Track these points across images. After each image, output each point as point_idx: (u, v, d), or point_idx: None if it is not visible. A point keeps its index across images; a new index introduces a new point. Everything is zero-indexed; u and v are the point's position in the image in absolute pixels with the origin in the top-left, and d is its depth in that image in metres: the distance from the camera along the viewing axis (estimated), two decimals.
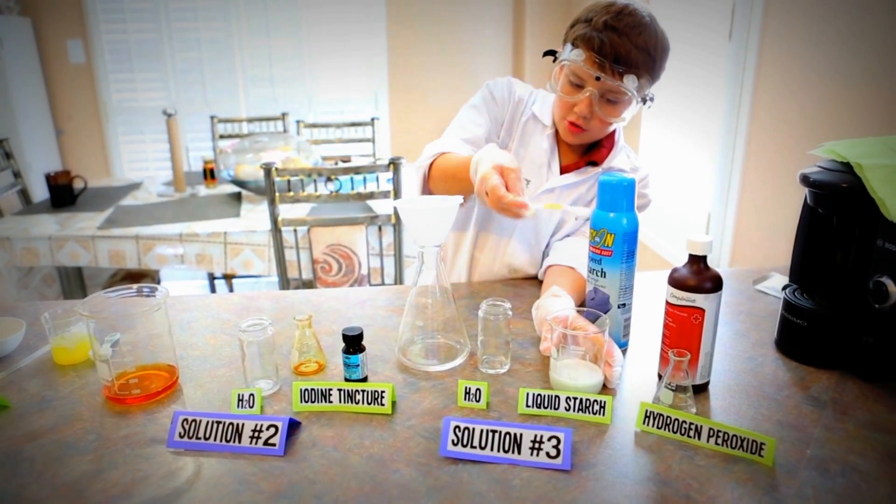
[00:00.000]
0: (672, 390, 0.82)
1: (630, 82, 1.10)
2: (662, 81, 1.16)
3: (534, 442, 0.75)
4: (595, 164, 1.28)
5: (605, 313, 0.97)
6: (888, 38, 1.48)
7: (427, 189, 1.25)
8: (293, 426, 0.81)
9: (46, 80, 4.02)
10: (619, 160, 1.29)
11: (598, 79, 1.10)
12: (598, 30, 1.09)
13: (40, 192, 3.38)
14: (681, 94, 2.58)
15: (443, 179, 1.20)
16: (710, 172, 2.36)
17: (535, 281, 1.33)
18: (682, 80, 2.55)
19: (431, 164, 1.22)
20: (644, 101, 1.16)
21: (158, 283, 3.31)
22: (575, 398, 0.83)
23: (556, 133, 1.27)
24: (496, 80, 1.32)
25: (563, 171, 1.29)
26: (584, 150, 1.29)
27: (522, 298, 1.23)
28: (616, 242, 0.95)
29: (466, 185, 1.07)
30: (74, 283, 2.76)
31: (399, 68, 4.32)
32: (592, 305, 1.00)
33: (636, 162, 1.33)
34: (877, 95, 1.51)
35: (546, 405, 0.84)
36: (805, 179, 0.94)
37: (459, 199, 0.97)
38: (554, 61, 1.18)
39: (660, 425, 0.79)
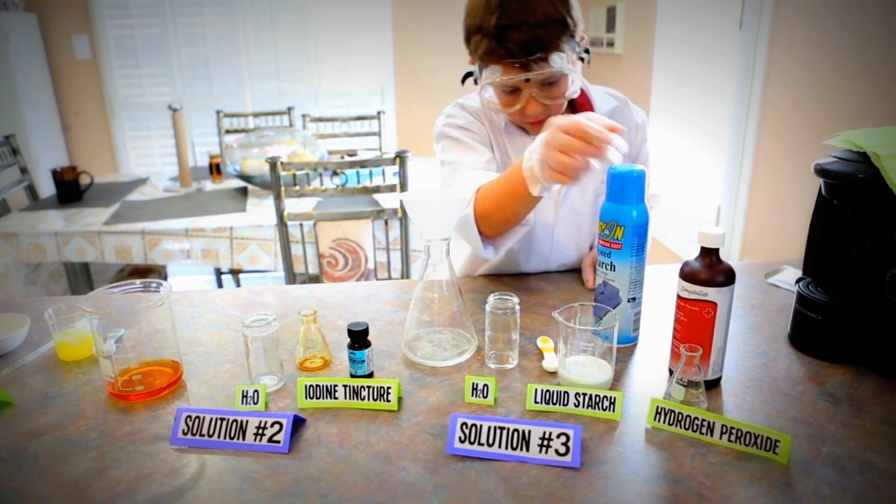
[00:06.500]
0: (683, 386, 0.80)
1: (558, 59, 1.04)
2: (672, 73, 1.14)
3: (542, 439, 0.73)
4: None
5: (615, 307, 0.96)
6: None
7: (481, 233, 1.12)
8: (298, 423, 0.80)
9: (53, 76, 4.03)
10: (602, 100, 1.24)
11: (527, 80, 1.05)
12: (495, 36, 1.02)
13: (47, 188, 3.39)
14: (690, 84, 2.55)
15: (496, 209, 1.07)
16: (719, 164, 2.33)
17: (543, 276, 1.31)
18: (692, 70, 2.51)
19: (474, 205, 1.09)
20: (582, 59, 1.09)
21: (165, 278, 3.32)
22: (584, 394, 0.82)
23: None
24: (444, 117, 1.25)
25: None
26: None
27: (530, 292, 1.21)
28: (626, 235, 0.93)
29: (525, 197, 0.98)
30: (81, 278, 2.77)
31: (405, 60, 4.30)
32: (602, 300, 0.98)
33: (611, 90, 1.28)
34: (894, 83, 1.48)
35: (555, 401, 0.83)
36: (820, 170, 0.92)
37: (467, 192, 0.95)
38: (476, 83, 1.13)
39: (671, 422, 0.78)
